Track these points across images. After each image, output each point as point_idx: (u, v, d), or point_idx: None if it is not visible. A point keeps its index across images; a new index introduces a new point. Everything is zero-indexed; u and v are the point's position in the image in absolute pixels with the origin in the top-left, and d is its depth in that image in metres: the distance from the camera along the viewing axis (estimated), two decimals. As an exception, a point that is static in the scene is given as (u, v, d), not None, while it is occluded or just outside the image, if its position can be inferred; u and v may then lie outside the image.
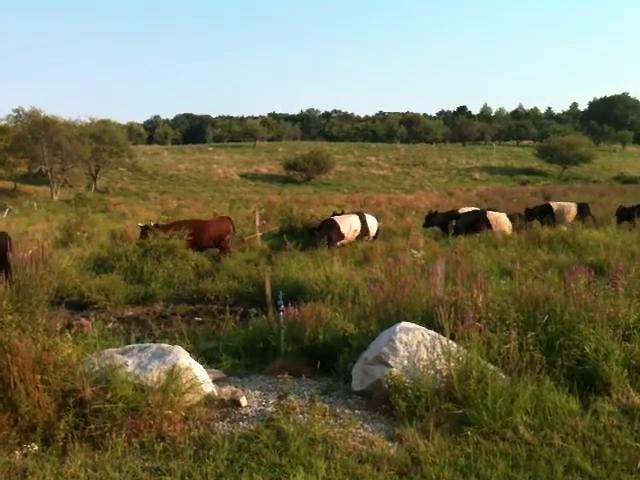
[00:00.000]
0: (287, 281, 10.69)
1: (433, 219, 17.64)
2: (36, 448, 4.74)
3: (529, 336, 5.90)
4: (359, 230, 16.27)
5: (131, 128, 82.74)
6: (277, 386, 6.04)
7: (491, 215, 17.17)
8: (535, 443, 4.80)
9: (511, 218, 17.46)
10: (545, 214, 17.86)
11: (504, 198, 35.59)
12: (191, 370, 5.56)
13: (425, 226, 17.64)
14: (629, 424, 5.12)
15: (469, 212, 17.86)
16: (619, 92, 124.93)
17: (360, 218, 16.65)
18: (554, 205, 18.61)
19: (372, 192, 51.54)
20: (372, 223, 16.84)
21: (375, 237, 16.68)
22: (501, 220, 17.00)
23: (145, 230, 14.53)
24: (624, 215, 17.48)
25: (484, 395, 5.13)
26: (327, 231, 15.75)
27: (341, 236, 15.86)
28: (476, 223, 16.48)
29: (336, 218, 16.55)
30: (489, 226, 16.61)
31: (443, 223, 17.21)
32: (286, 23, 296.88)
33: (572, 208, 18.51)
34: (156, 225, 15.08)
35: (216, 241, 15.13)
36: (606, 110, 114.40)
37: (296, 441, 4.73)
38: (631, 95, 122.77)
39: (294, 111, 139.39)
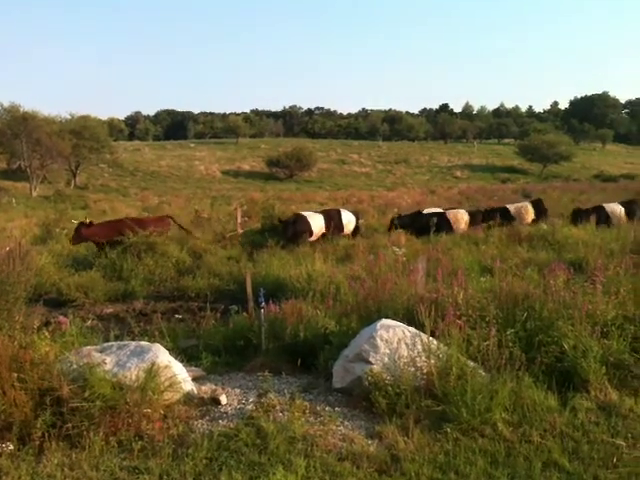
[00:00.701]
0: (268, 278, 10.65)
1: (398, 222, 17.73)
2: (12, 447, 4.68)
3: (508, 333, 5.95)
4: (324, 227, 16.15)
5: (112, 124, 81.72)
6: (257, 384, 6.03)
7: (449, 213, 17.84)
8: (514, 440, 4.84)
9: (471, 215, 18.06)
10: (503, 216, 18.33)
11: (485, 196, 35.72)
12: (170, 368, 5.52)
13: (390, 230, 17.67)
14: (606, 420, 5.18)
15: (431, 213, 18.18)
16: (599, 91, 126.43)
17: (334, 214, 16.60)
18: (511, 207, 19.06)
19: (354, 189, 51.52)
20: (348, 220, 16.81)
21: (354, 234, 16.64)
22: (459, 216, 17.73)
23: (80, 227, 13.98)
24: (580, 217, 17.90)
25: (464, 392, 5.16)
26: (298, 227, 15.66)
27: (311, 233, 15.78)
28: (438, 223, 16.79)
29: (306, 214, 16.48)
30: (449, 224, 17.15)
31: (407, 225, 17.33)
32: (270, 19, 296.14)
33: (528, 207, 18.93)
34: (91, 223, 14.41)
35: None
36: (586, 109, 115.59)
37: (276, 439, 4.72)
38: (611, 94, 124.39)
39: (277, 108, 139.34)
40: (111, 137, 65.77)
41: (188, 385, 5.71)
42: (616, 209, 18.65)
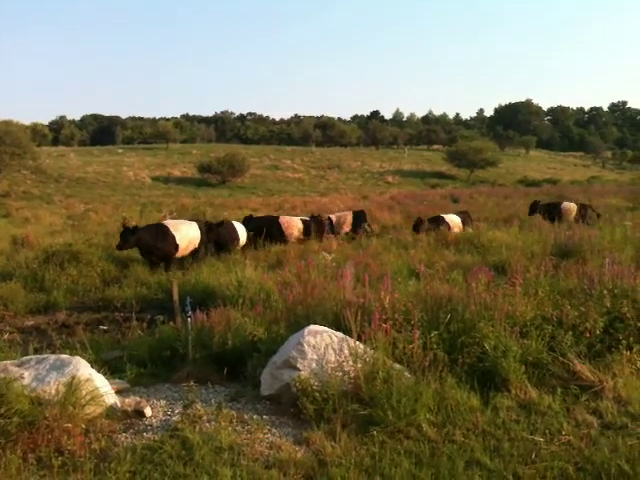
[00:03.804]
0: (198, 286, 10.49)
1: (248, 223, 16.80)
2: None
3: (432, 335, 6.07)
4: (197, 242, 13.69)
5: (35, 129, 78.72)
6: (184, 395, 5.90)
7: (282, 219, 17.25)
8: (438, 440, 4.94)
9: (305, 224, 17.40)
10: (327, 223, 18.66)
11: (415, 201, 36.36)
12: (92, 381, 5.36)
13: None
14: (526, 418, 5.37)
15: (262, 217, 17.84)
16: (523, 99, 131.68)
17: (230, 228, 15.17)
18: (333, 217, 19.36)
19: (288, 195, 51.39)
20: (242, 232, 15.58)
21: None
22: (292, 224, 17.13)
23: None
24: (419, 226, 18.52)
25: (389, 395, 5.24)
26: (158, 241, 12.96)
27: (176, 248, 13.15)
28: (269, 229, 16.19)
29: (169, 224, 13.60)
30: (280, 231, 16.56)
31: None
32: (199, 23, 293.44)
33: (348, 217, 19.36)
34: None
35: None
36: (511, 116, 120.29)
37: (201, 450, 4.65)
38: (534, 102, 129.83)
39: (208, 113, 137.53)
40: (34, 142, 63.17)
41: (111, 398, 5.55)
42: (454, 219, 19.60)
